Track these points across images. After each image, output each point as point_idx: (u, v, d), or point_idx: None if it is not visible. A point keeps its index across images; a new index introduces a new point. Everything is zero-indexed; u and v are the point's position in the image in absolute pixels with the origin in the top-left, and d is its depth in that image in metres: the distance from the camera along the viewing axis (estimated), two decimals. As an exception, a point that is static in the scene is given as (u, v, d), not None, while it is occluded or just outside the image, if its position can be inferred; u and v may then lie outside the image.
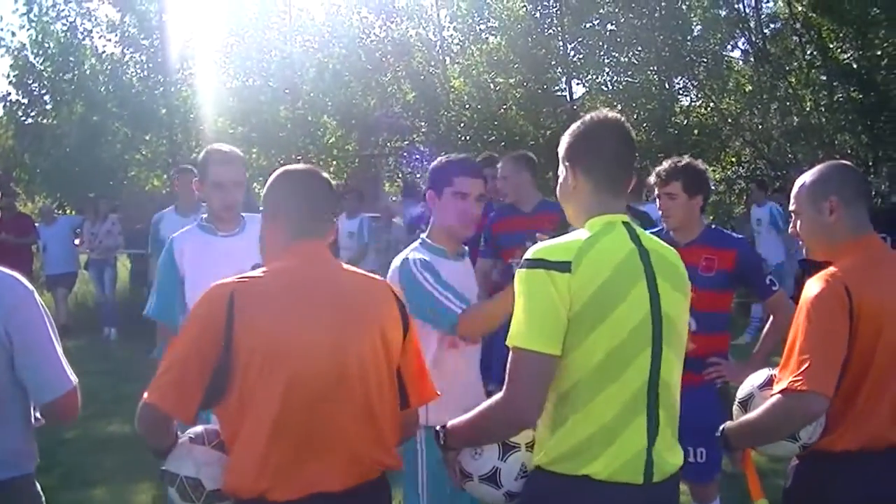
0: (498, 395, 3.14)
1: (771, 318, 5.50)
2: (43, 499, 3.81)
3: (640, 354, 3.14)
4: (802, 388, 3.37)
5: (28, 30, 23.50)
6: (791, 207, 3.91)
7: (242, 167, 5.31)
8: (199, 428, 3.45)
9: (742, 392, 3.89)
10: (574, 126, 3.40)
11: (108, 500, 7.72)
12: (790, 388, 3.40)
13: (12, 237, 16.18)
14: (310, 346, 3.21)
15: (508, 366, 3.10)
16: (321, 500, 3.20)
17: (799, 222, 3.87)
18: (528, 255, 3.14)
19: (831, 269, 3.61)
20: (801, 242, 3.95)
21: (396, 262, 4.49)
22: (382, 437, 3.38)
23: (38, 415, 3.70)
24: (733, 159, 24.78)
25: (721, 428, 3.82)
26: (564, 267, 3.05)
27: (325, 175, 3.58)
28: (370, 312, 3.39)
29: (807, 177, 3.85)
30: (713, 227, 5.65)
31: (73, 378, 3.61)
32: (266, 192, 3.50)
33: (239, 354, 3.16)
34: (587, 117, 3.40)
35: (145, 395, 3.24)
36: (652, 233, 3.71)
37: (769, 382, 3.73)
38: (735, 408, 3.90)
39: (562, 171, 3.39)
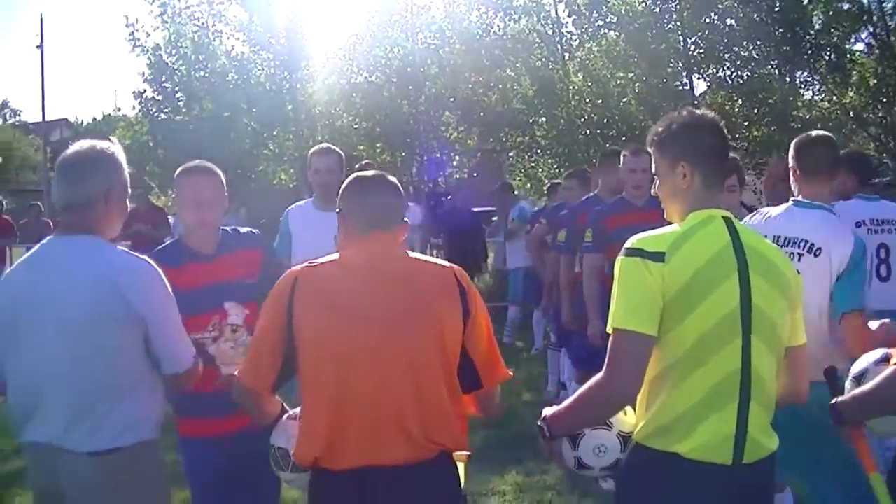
0: (598, 376, 3.28)
1: None
2: (164, 464, 4.17)
3: (729, 343, 3.26)
4: None
5: (162, 31, 24.36)
6: None
7: (337, 158, 6.85)
8: (299, 408, 3.72)
9: (857, 368, 3.97)
10: (674, 126, 3.51)
11: None
12: None
13: (146, 229, 16.76)
14: (362, 328, 3.43)
15: (609, 348, 3.26)
16: (373, 473, 3.41)
17: None
18: (628, 244, 3.33)
19: None
20: None
21: None
22: (438, 418, 3.52)
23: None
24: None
25: (833, 402, 3.83)
26: (659, 257, 3.23)
27: (392, 179, 3.78)
28: (426, 298, 3.54)
29: None
30: None
31: (193, 354, 4.02)
32: (339, 195, 3.76)
33: (299, 334, 3.45)
34: (684, 116, 3.54)
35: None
36: None
37: (885, 359, 3.82)
38: (848, 383, 3.95)
39: (670, 168, 3.50)
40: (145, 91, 24.88)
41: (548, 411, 3.54)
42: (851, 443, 4.01)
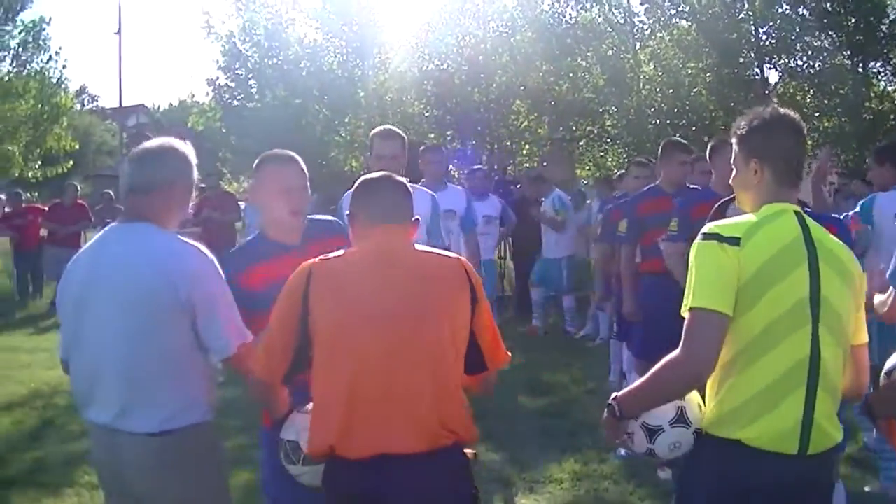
0: (674, 354, 3.33)
1: None
2: (220, 448, 4.30)
3: (798, 331, 3.35)
4: None
5: (237, 18, 24.68)
6: None
7: (402, 143, 6.57)
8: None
9: (890, 363, 4.02)
10: (754, 123, 3.64)
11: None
12: None
13: (217, 214, 17.05)
14: (370, 322, 3.53)
15: (686, 326, 3.33)
16: (388, 460, 3.50)
17: None
18: (704, 230, 3.45)
19: None
20: None
21: None
22: (452, 406, 3.63)
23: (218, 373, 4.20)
24: (932, 144, 24.06)
25: (865, 397, 3.90)
26: (734, 241, 3.35)
27: (400, 179, 3.90)
28: (438, 293, 3.65)
29: None
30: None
31: (243, 338, 4.02)
32: (351, 198, 3.91)
33: (314, 326, 3.56)
34: (765, 114, 3.65)
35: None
36: None
37: None
38: (882, 379, 4.02)
39: (744, 163, 3.64)
40: (218, 78, 25.21)
41: (621, 392, 3.61)
42: (887, 435, 4.11)
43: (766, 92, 23.62)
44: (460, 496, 3.72)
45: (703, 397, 3.56)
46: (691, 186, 8.07)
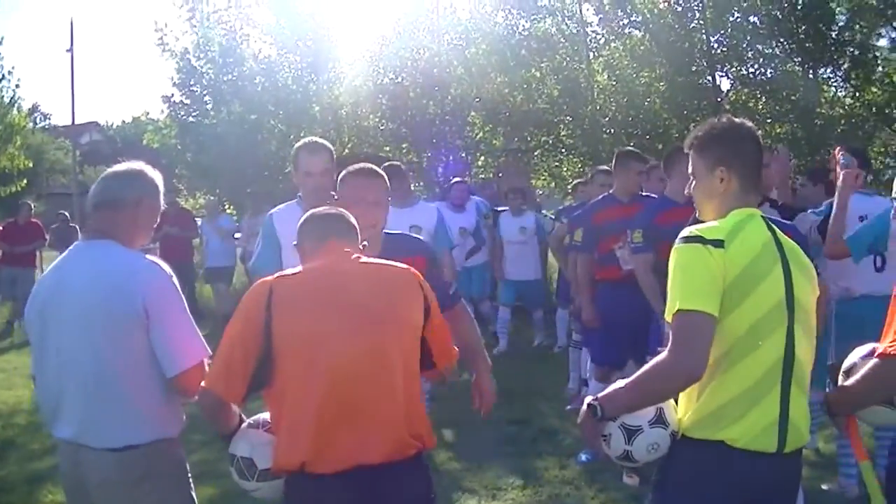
0: (663, 356, 3.34)
1: None
2: (186, 462, 4.27)
3: (776, 331, 3.44)
4: None
5: (191, 35, 24.61)
6: None
7: (329, 156, 6.02)
8: (259, 416, 3.91)
9: (847, 362, 4.05)
10: (716, 131, 3.71)
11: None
12: (886, 352, 3.59)
13: (175, 230, 17.09)
14: (338, 334, 3.58)
15: (672, 329, 3.35)
16: (358, 473, 3.56)
17: None
18: (685, 234, 3.48)
19: None
20: None
21: None
22: (416, 416, 3.72)
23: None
24: (881, 150, 24.38)
25: (825, 395, 3.98)
26: (719, 244, 3.40)
27: (343, 211, 4.08)
28: (393, 299, 3.76)
29: None
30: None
31: (198, 358, 4.02)
32: (297, 232, 4.03)
33: (278, 344, 3.58)
34: (725, 123, 3.73)
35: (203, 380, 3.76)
36: None
37: (872, 353, 3.85)
38: (840, 378, 4.04)
39: (707, 171, 3.69)
40: (173, 95, 25.12)
41: (604, 392, 3.59)
42: (844, 433, 4.20)
43: (719, 99, 23.82)
44: (427, 502, 3.79)
45: (675, 399, 3.61)
46: (645, 195, 8.18)
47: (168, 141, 25.44)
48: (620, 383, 3.57)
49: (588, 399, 3.61)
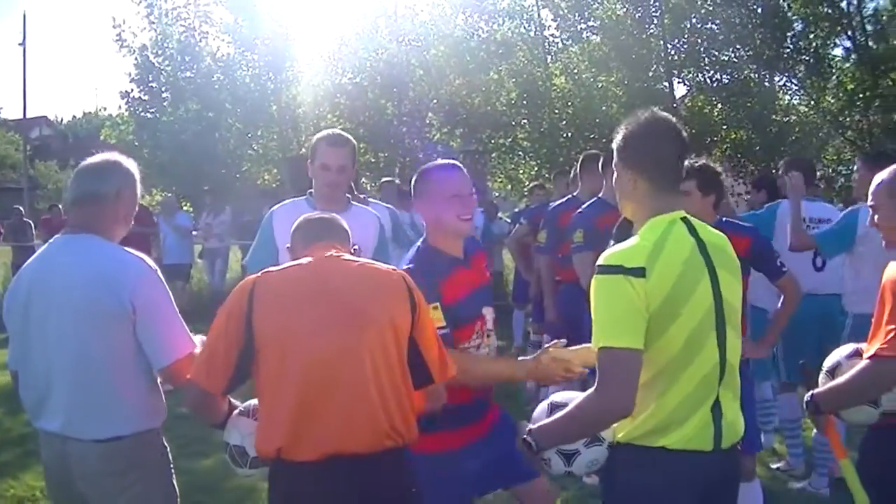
0: (591, 392, 3.29)
1: (782, 298, 6.07)
2: (168, 451, 4.27)
3: (708, 340, 3.41)
4: (890, 353, 3.63)
5: (149, 31, 24.49)
6: (869, 203, 4.30)
7: (352, 153, 5.58)
8: (250, 402, 3.92)
9: (829, 362, 4.12)
10: (627, 128, 3.62)
11: (220, 469, 8.08)
12: (878, 353, 3.64)
13: (133, 227, 16.92)
14: (318, 330, 3.60)
15: (598, 365, 3.30)
16: (336, 462, 3.57)
17: (877, 216, 4.26)
18: (603, 261, 3.38)
19: None
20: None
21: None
22: (396, 410, 3.70)
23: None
24: (834, 157, 24.67)
25: (809, 394, 4.02)
26: (640, 272, 3.28)
27: (334, 215, 4.11)
28: (376, 299, 3.75)
29: (884, 174, 4.24)
30: (724, 219, 5.88)
31: (188, 349, 4.02)
32: (291, 236, 4.05)
33: (258, 337, 3.61)
34: (638, 118, 3.62)
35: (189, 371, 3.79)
36: None
37: (856, 353, 3.98)
38: (822, 377, 4.12)
39: (621, 174, 3.63)
40: (132, 91, 24.97)
41: (538, 424, 3.58)
42: (823, 432, 4.28)
43: (675, 105, 24.01)
44: (404, 495, 3.81)
45: None
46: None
47: (125, 137, 25.29)
48: (553, 418, 3.54)
49: (522, 434, 3.58)
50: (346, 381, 3.61)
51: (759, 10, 23.73)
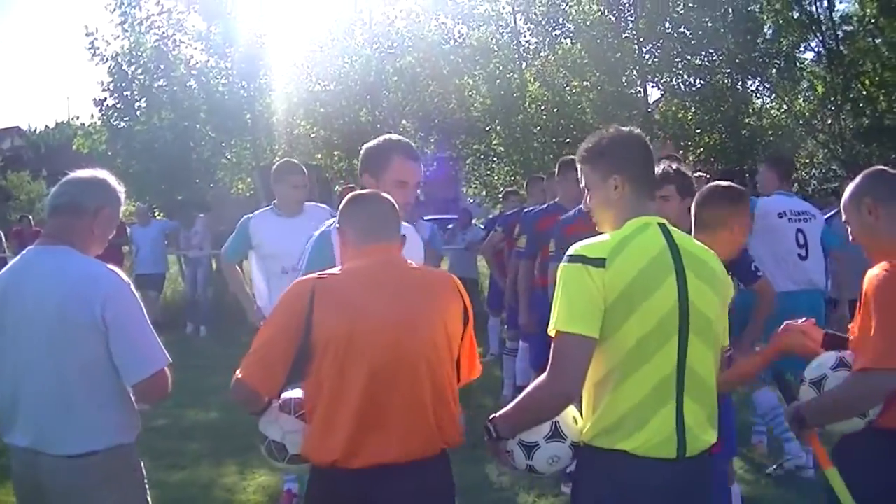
0: (542, 377, 3.38)
1: (757, 303, 6.15)
2: (142, 466, 4.25)
3: (667, 342, 3.42)
4: (881, 365, 3.64)
5: (122, 40, 24.32)
6: (843, 219, 4.24)
7: (304, 174, 7.29)
8: (289, 394, 3.87)
9: (813, 374, 4.02)
10: (606, 141, 3.68)
11: (194, 481, 8.24)
12: (866, 366, 3.65)
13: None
14: (378, 335, 3.62)
15: (552, 349, 3.37)
16: (385, 470, 3.61)
17: (850, 231, 4.19)
18: (570, 251, 3.45)
19: (893, 260, 3.83)
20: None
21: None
22: (447, 417, 3.77)
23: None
24: (807, 160, 24.79)
25: (794, 407, 4.03)
26: (600, 263, 3.36)
27: (386, 196, 3.99)
28: (434, 304, 3.78)
29: (848, 189, 4.19)
30: None
31: (161, 364, 4.02)
32: (339, 211, 4.03)
33: (317, 341, 3.61)
34: (611, 133, 3.70)
35: (238, 371, 3.72)
36: None
37: (840, 364, 3.90)
38: (806, 388, 4.03)
39: (602, 180, 3.63)
40: (106, 99, 24.80)
41: (499, 413, 3.63)
42: (807, 443, 4.26)
43: (649, 109, 24.10)
44: (449, 498, 3.87)
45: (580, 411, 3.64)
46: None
47: (98, 147, 25.11)
48: (511, 404, 3.61)
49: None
50: (404, 388, 3.65)
51: (731, 15, 23.83)
